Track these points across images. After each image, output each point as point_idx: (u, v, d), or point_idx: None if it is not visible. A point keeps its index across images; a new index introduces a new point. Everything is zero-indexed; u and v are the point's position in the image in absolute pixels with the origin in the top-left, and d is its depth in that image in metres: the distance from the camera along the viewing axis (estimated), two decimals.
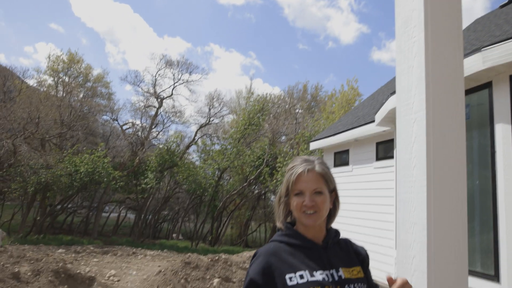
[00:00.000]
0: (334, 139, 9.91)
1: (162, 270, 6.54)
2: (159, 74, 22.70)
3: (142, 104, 21.08)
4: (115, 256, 9.90)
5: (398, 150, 1.32)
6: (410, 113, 1.27)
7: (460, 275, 1.24)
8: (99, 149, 16.78)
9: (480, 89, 4.43)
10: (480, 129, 4.42)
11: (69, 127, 18.11)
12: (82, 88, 22.66)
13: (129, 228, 23.60)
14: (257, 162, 20.06)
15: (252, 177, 19.99)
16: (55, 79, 22.12)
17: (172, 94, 21.46)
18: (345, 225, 8.98)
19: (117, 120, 19.98)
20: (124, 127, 20.19)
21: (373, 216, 8.17)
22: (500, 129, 4.08)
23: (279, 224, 1.67)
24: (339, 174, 9.81)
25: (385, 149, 8.18)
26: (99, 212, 18.26)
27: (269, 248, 1.57)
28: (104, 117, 20.58)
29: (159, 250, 12.77)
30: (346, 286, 1.47)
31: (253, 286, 1.48)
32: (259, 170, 19.43)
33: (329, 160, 10.44)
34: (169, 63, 21.82)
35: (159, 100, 20.98)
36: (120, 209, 23.36)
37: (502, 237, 3.96)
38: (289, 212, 1.65)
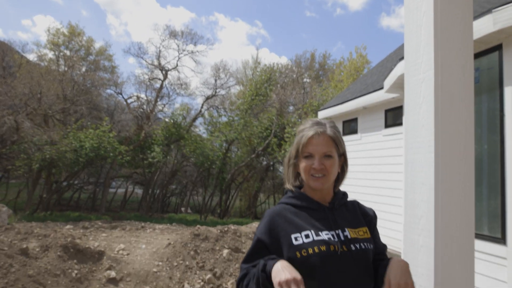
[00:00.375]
0: (343, 107, 9.85)
1: (172, 243, 6.66)
2: (163, 46, 22.40)
3: (146, 76, 20.92)
4: (123, 231, 10.07)
5: (406, 111, 1.32)
6: (419, 73, 1.26)
7: (467, 235, 1.26)
8: (104, 123, 16.60)
9: (490, 52, 4.34)
10: (489, 93, 4.35)
11: (72, 102, 17.88)
12: (84, 61, 22.37)
13: (137, 203, 23.80)
14: (265, 133, 20.04)
15: (260, 148, 20.02)
16: (56, 53, 21.84)
17: (177, 65, 21.25)
18: (354, 193, 9.04)
19: (121, 94, 19.90)
20: (129, 101, 20.09)
21: (382, 184, 8.21)
22: (509, 92, 4.03)
23: (288, 186, 1.69)
24: (348, 143, 9.80)
25: (394, 116, 8.12)
26: (106, 187, 18.40)
27: (276, 209, 1.59)
28: (108, 91, 20.48)
29: (168, 224, 12.93)
30: (352, 245, 1.49)
31: (260, 245, 1.50)
32: (267, 141, 19.43)
33: None
34: (173, 34, 21.46)
35: (163, 72, 20.77)
36: (127, 184, 23.56)
37: (509, 201, 3.97)
38: (297, 174, 1.66)
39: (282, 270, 1.30)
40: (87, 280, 5.40)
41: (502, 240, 4.07)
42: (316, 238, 1.47)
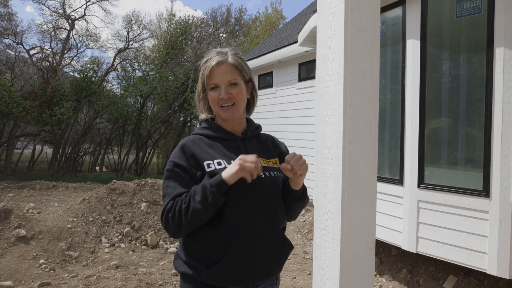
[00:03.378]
0: (258, 61, 9.90)
1: (87, 198, 6.40)
2: None
3: (50, 26, 18.93)
4: (33, 190, 9.41)
5: (318, 46, 1.36)
6: (330, 7, 1.29)
7: (371, 163, 1.36)
8: (3, 77, 14.85)
9: (395, 6, 4.59)
10: (393, 46, 4.65)
11: None
12: None
13: (46, 164, 22.25)
14: (181, 89, 19.56)
15: (177, 104, 19.58)
16: None
17: (84, 14, 19.42)
18: None
19: (22, 45, 17.78)
20: (32, 53, 18.08)
21: (296, 136, 8.55)
22: (411, 45, 4.34)
23: (202, 116, 1.69)
24: (263, 97, 9.96)
25: (307, 70, 8.37)
26: (10, 147, 16.74)
27: (189, 138, 1.60)
28: (6, 40, 18.22)
29: (82, 182, 12.37)
30: (262, 173, 1.56)
31: (179, 169, 1.50)
32: (183, 96, 19.02)
33: None
34: None
35: (70, 21, 18.94)
36: (35, 143, 21.76)
37: (407, 146, 4.38)
38: (209, 107, 1.67)
39: (234, 164, 1.40)
40: None
41: (400, 181, 4.52)
42: (227, 165, 1.51)
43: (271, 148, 1.74)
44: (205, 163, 1.50)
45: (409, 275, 4.61)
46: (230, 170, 1.40)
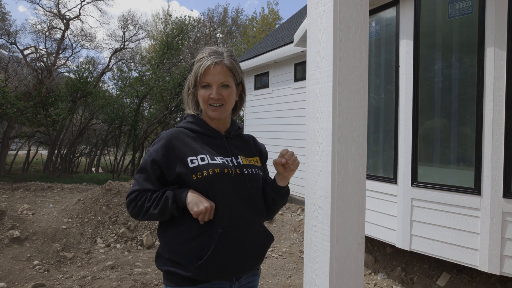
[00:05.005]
0: (254, 61, 9.92)
1: (82, 199, 6.38)
2: None
3: (45, 25, 18.83)
4: (27, 191, 9.37)
5: (308, 45, 1.38)
6: (320, 5, 1.32)
7: (359, 159, 1.38)
8: None
9: (388, 6, 4.63)
10: (387, 46, 4.69)
11: None
12: None
13: (41, 165, 22.10)
14: (178, 89, 19.55)
15: (173, 104, 19.56)
16: None
17: (79, 14, 19.33)
18: (266, 146, 9.34)
19: (15, 45, 17.66)
20: (26, 53, 17.97)
21: (292, 136, 8.58)
22: (404, 45, 4.37)
23: (189, 111, 1.71)
24: (260, 97, 9.98)
25: (303, 70, 8.41)
26: (4, 148, 16.62)
27: (173, 132, 1.61)
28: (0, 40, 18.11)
29: (78, 184, 12.30)
30: (245, 169, 1.61)
31: (155, 166, 1.54)
32: (180, 97, 19.00)
33: (250, 83, 10.51)
34: None
35: (64, 21, 18.85)
36: (30, 144, 21.63)
37: (401, 145, 4.42)
38: (197, 102, 1.69)
39: (199, 202, 1.46)
40: None
41: (394, 180, 4.56)
42: (211, 161, 1.54)
43: (252, 147, 1.79)
44: (189, 159, 1.53)
45: (403, 273, 4.64)
46: (192, 201, 1.47)
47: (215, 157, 1.56)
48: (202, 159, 1.53)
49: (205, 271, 1.47)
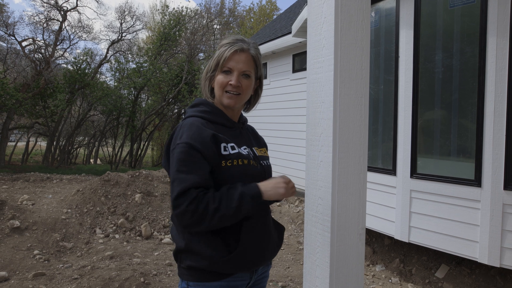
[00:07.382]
0: None
1: (81, 190, 6.38)
2: None
3: (42, 17, 18.68)
4: (27, 182, 9.37)
5: (308, 33, 1.35)
6: None
7: (361, 149, 1.36)
8: None
9: None
10: (387, 36, 4.65)
11: None
12: None
13: (40, 156, 22.15)
14: (175, 80, 19.46)
15: (171, 95, 19.49)
16: None
17: (77, 5, 19.15)
18: (264, 137, 9.32)
19: (14, 36, 17.53)
20: (24, 44, 17.86)
21: (290, 127, 8.56)
22: (404, 35, 4.33)
23: (207, 97, 1.66)
24: None
25: (301, 61, 8.36)
26: (3, 139, 16.59)
27: (198, 120, 1.51)
28: None
29: (76, 174, 12.31)
30: (261, 161, 1.60)
31: (195, 153, 1.40)
32: (177, 88, 18.93)
33: None
34: None
35: (62, 12, 18.69)
36: (29, 135, 21.60)
37: (400, 136, 4.40)
38: (212, 89, 1.62)
39: (276, 184, 1.44)
40: None
41: (393, 171, 4.54)
42: (239, 151, 1.51)
43: (260, 137, 1.80)
44: (222, 145, 1.46)
45: (401, 265, 4.65)
46: (269, 188, 1.42)
47: (241, 148, 1.54)
48: (233, 148, 1.49)
49: (233, 264, 1.44)
